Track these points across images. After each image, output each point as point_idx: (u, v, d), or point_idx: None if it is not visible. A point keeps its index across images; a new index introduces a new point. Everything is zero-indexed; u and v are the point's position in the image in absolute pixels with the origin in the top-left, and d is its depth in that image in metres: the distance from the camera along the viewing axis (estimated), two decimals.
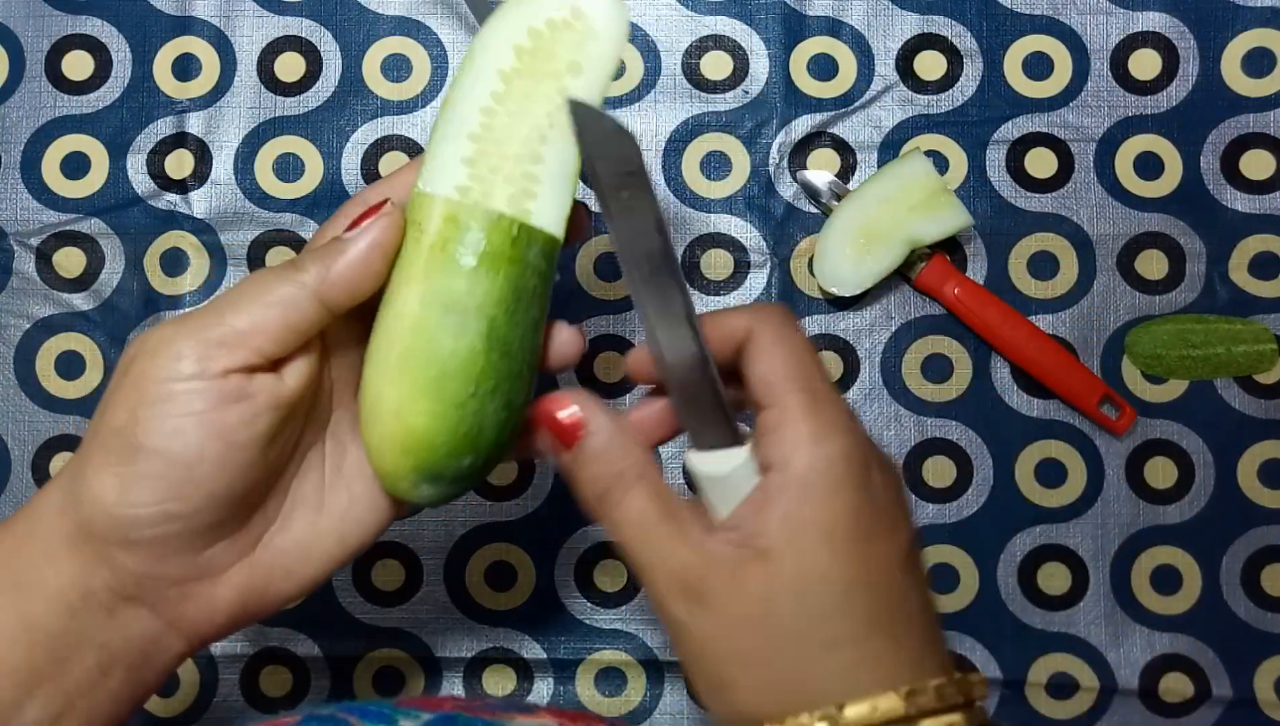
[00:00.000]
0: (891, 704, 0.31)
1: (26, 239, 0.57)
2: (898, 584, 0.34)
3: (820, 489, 0.33)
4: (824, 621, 0.32)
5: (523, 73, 0.36)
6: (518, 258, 0.35)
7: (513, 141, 0.36)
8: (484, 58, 0.37)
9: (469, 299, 0.35)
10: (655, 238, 0.36)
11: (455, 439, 0.35)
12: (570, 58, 0.37)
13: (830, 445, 0.33)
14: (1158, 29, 0.57)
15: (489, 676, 0.56)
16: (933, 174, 0.54)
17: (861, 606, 0.33)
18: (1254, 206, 0.56)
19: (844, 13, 0.57)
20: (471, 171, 0.36)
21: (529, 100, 0.36)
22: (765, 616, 0.33)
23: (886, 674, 0.32)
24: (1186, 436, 0.55)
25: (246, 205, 0.57)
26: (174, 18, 0.58)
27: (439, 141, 0.36)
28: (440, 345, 0.35)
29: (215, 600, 0.36)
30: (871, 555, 0.33)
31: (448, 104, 0.37)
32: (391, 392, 0.35)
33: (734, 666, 0.33)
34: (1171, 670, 0.54)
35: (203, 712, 0.55)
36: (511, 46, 0.37)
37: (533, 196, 0.36)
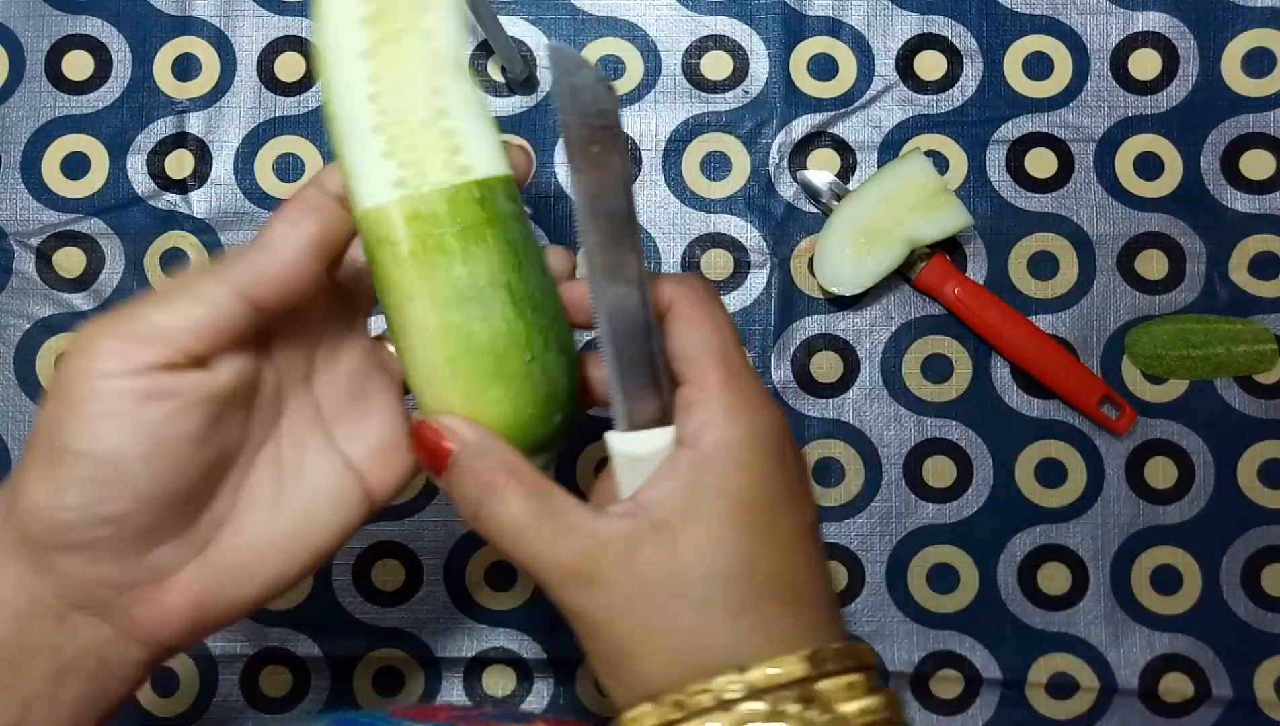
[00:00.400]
0: (794, 665, 0.32)
1: (26, 239, 0.57)
2: (800, 555, 0.34)
3: (727, 462, 0.33)
4: (726, 587, 0.33)
5: (381, 41, 0.34)
6: (492, 216, 0.34)
7: (413, 110, 0.34)
8: (338, 51, 0.35)
9: (476, 279, 0.34)
10: (621, 197, 0.34)
11: (538, 405, 0.35)
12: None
13: (744, 422, 0.33)
14: (1158, 29, 0.57)
15: (489, 676, 0.56)
16: (933, 174, 0.54)
17: (764, 574, 0.33)
18: (1254, 206, 0.56)
19: (844, 13, 0.57)
20: (397, 162, 0.34)
21: (402, 63, 0.34)
22: (663, 586, 0.33)
23: (788, 638, 0.33)
24: (1186, 436, 0.55)
25: (246, 205, 0.57)
26: (174, 18, 0.58)
27: (348, 154, 0.34)
28: (477, 336, 0.34)
29: (167, 605, 0.34)
30: (776, 526, 0.34)
31: (332, 118, 0.35)
32: (460, 402, 0.34)
33: (634, 639, 0.33)
34: (1171, 670, 0.54)
35: (203, 712, 0.55)
36: (356, 22, 0.34)
37: (462, 150, 0.34)
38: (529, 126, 0.57)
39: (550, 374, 0.35)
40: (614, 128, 0.34)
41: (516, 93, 0.57)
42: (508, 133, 0.57)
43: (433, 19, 0.35)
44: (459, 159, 0.34)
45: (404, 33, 0.35)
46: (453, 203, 0.34)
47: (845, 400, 0.56)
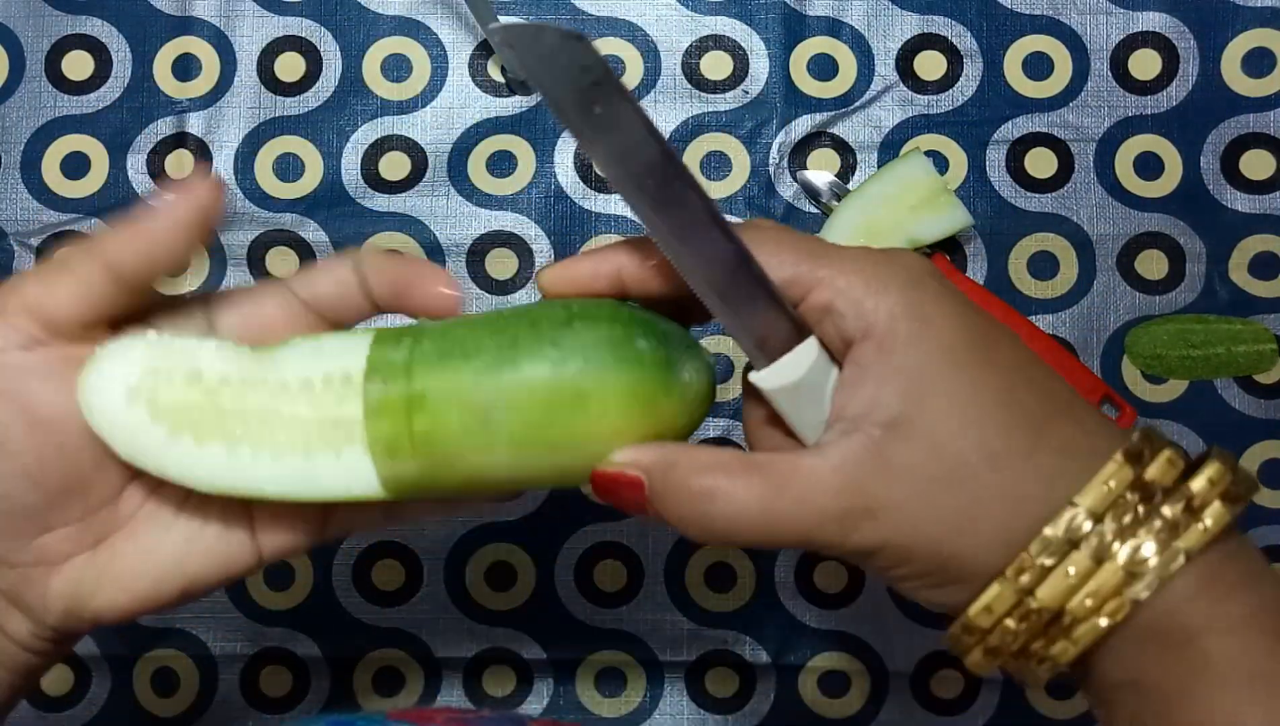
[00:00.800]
0: (1120, 470, 0.29)
1: (26, 239, 0.57)
2: (1041, 369, 0.31)
3: (909, 325, 0.30)
4: (1004, 434, 0.29)
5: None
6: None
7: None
8: None
9: (486, 386, 0.32)
10: (650, 146, 0.30)
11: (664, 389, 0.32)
12: None
13: (894, 280, 0.30)
14: (1158, 29, 0.57)
15: (489, 676, 0.56)
16: (933, 174, 0.54)
17: (1027, 401, 0.30)
18: (1254, 206, 0.56)
19: (844, 13, 0.57)
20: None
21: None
22: (944, 471, 0.29)
23: (1090, 452, 0.29)
24: (1186, 436, 0.55)
25: (246, 205, 0.57)
26: (174, 18, 0.58)
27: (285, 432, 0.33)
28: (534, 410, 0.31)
29: (48, 589, 0.34)
30: (1002, 353, 0.31)
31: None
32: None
33: (948, 538, 0.30)
34: None
35: (203, 712, 0.55)
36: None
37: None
38: (529, 126, 0.57)
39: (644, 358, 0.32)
40: (607, 79, 0.30)
41: (516, 93, 0.57)
42: (507, 133, 0.57)
43: None
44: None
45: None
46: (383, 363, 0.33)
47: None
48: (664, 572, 0.55)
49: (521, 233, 0.57)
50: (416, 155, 0.57)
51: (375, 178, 0.57)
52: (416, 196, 0.57)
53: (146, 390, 0.32)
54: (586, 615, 0.55)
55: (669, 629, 0.55)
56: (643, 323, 0.32)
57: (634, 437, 0.31)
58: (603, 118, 0.30)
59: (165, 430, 0.33)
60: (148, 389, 0.32)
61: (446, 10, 0.58)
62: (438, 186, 0.57)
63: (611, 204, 0.57)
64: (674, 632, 0.55)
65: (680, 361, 0.32)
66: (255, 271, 0.56)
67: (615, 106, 0.30)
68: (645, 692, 0.55)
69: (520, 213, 0.57)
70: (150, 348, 0.33)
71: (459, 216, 0.57)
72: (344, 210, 0.57)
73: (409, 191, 0.57)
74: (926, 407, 0.30)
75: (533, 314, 0.32)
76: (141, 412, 0.32)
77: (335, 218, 0.57)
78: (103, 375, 0.32)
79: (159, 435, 0.33)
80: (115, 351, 0.32)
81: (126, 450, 0.33)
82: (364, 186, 0.57)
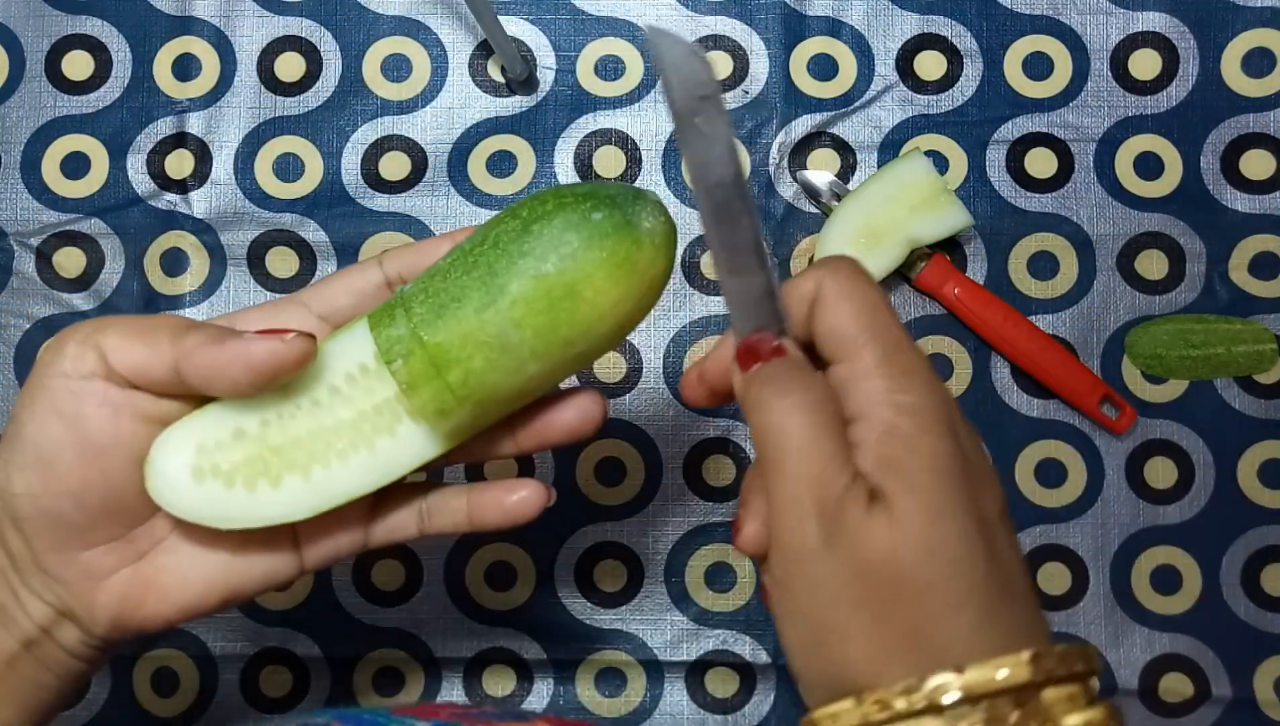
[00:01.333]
0: (1019, 669, 0.28)
1: (26, 239, 0.57)
2: (1007, 539, 0.31)
3: (915, 436, 0.30)
4: (950, 577, 0.29)
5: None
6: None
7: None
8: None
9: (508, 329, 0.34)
10: (726, 165, 0.33)
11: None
12: None
13: (912, 393, 0.31)
14: (1158, 29, 0.57)
15: (489, 676, 0.56)
16: (933, 174, 0.54)
17: (983, 560, 0.30)
18: (1254, 206, 0.56)
19: (844, 13, 0.57)
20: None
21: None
22: (888, 565, 0.29)
23: (1008, 637, 0.29)
24: (1186, 436, 0.55)
25: (246, 205, 0.57)
26: (174, 18, 0.58)
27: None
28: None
29: (95, 602, 0.36)
30: (979, 503, 0.30)
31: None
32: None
33: (843, 617, 0.30)
34: (1171, 670, 0.54)
35: (203, 712, 0.55)
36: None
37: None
38: (529, 126, 0.57)
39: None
40: (713, 97, 0.33)
41: (516, 93, 0.57)
42: (507, 133, 0.57)
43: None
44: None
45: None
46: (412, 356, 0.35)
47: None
48: (664, 572, 0.55)
49: None
50: (416, 155, 0.57)
51: (375, 178, 0.57)
52: (416, 196, 0.57)
53: (208, 464, 0.35)
54: (586, 615, 0.55)
55: (669, 629, 0.55)
56: (587, 196, 0.35)
57: (631, 297, 0.34)
58: (699, 128, 0.33)
59: (242, 488, 0.35)
60: (208, 462, 0.35)
61: (446, 10, 0.58)
62: (438, 186, 0.57)
63: None
64: (674, 632, 0.55)
65: (635, 213, 0.35)
66: (255, 271, 0.56)
67: (713, 123, 0.33)
68: (645, 692, 0.55)
69: None
70: (188, 427, 0.35)
71: (459, 216, 0.57)
72: (344, 210, 0.57)
73: (409, 191, 0.57)
74: (907, 505, 0.30)
75: (491, 235, 0.35)
76: (214, 484, 0.35)
77: (335, 218, 0.57)
78: (165, 473, 0.35)
79: (240, 495, 0.35)
80: (162, 448, 0.35)
81: (224, 522, 0.35)
82: (364, 186, 0.57)
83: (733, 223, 0.33)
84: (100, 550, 0.36)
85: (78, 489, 0.34)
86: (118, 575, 0.36)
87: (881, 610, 0.30)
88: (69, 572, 0.35)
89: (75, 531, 0.35)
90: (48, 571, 0.35)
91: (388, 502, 0.39)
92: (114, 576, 0.36)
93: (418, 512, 0.39)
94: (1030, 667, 0.28)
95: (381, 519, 0.39)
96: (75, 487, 0.34)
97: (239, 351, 0.34)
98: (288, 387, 0.35)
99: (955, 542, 0.30)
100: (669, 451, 0.56)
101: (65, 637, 0.36)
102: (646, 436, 0.56)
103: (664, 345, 0.56)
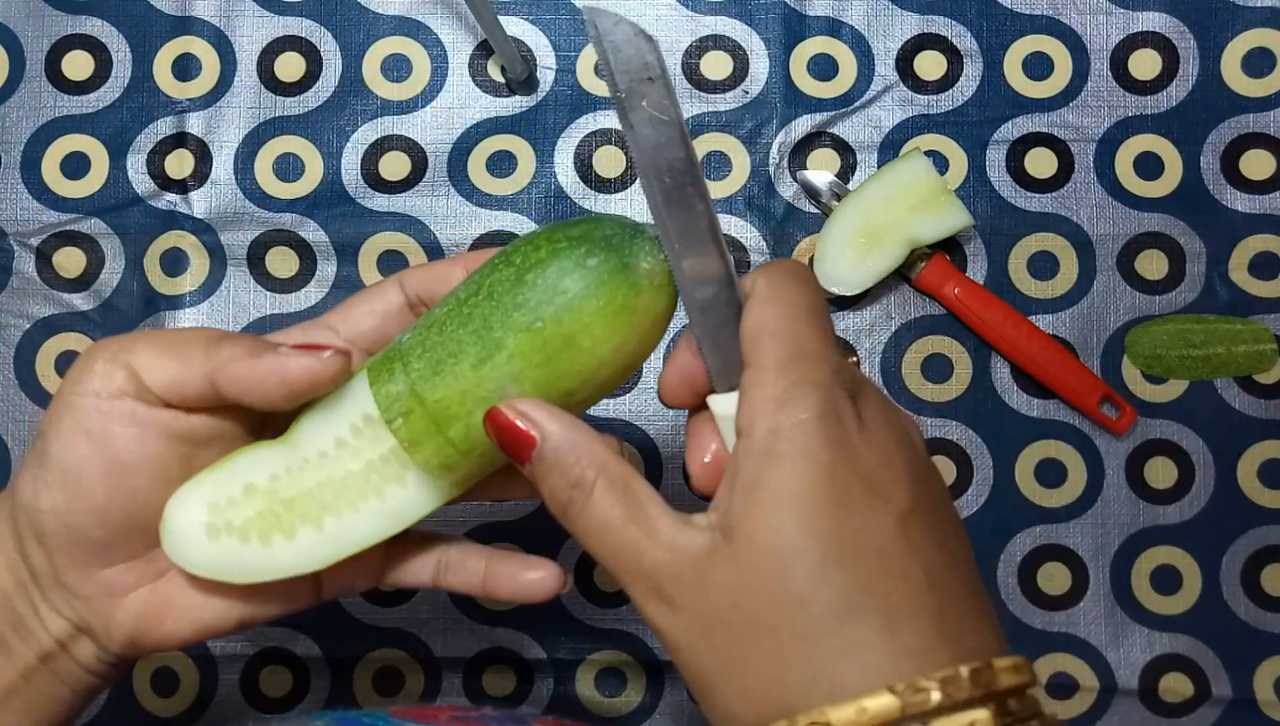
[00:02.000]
0: (884, 704, 0.27)
1: (26, 239, 0.57)
2: (893, 557, 0.29)
3: (783, 454, 0.29)
4: (798, 608, 0.28)
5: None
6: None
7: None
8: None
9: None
10: (678, 148, 0.32)
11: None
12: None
13: (796, 406, 0.29)
14: (1158, 29, 0.57)
15: (489, 676, 0.55)
16: (933, 174, 0.54)
17: (839, 586, 0.28)
18: (1254, 206, 0.56)
19: (844, 13, 0.57)
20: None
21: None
22: (735, 609, 0.29)
23: (880, 665, 0.28)
24: (1186, 436, 0.55)
25: (246, 205, 0.57)
26: (174, 18, 0.58)
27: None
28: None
29: (113, 619, 0.36)
30: (852, 524, 0.29)
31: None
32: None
33: (712, 673, 0.30)
34: (1171, 670, 0.54)
35: (203, 712, 0.55)
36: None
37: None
38: (529, 126, 0.57)
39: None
40: (659, 79, 0.32)
41: (516, 93, 0.57)
42: (507, 133, 0.57)
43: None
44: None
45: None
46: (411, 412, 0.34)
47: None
48: None
49: (521, 233, 0.57)
50: (416, 155, 0.57)
51: (375, 178, 0.57)
52: (416, 196, 0.57)
53: (222, 521, 0.35)
54: (586, 615, 0.55)
55: None
56: (581, 239, 0.33)
57: (630, 342, 0.33)
58: (647, 111, 0.32)
59: (257, 542, 0.35)
60: (222, 519, 0.35)
61: (446, 10, 0.58)
62: (438, 186, 0.57)
63: (612, 204, 0.57)
64: None
65: (632, 255, 0.33)
66: (255, 271, 0.56)
67: (658, 104, 0.32)
68: (645, 692, 0.55)
69: (520, 213, 0.57)
70: (198, 487, 0.35)
71: (459, 216, 0.57)
72: (344, 210, 0.57)
73: (409, 191, 0.57)
74: (751, 542, 0.29)
75: (485, 286, 0.34)
76: (230, 541, 0.35)
77: (335, 218, 0.57)
78: (180, 533, 0.35)
79: (256, 549, 0.35)
80: (175, 508, 0.35)
81: (241, 576, 0.35)
82: (364, 186, 0.57)
83: (687, 209, 0.32)
84: (121, 568, 0.36)
85: (102, 507, 0.34)
86: (136, 593, 0.36)
87: (738, 656, 0.29)
88: (89, 588, 0.35)
89: (98, 548, 0.35)
90: (68, 587, 0.35)
91: (404, 547, 0.39)
92: (133, 594, 0.36)
93: (435, 564, 0.39)
94: (901, 700, 0.27)
95: (398, 564, 0.39)
96: (100, 505, 0.34)
97: (276, 365, 0.34)
98: (294, 442, 0.35)
99: (804, 573, 0.28)
100: (669, 451, 0.56)
101: (81, 653, 0.36)
102: (647, 436, 0.56)
103: (664, 346, 0.56)
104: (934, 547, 0.30)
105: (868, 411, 0.31)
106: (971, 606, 0.30)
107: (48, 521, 0.34)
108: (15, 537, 0.35)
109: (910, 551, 0.29)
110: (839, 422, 0.30)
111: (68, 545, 0.34)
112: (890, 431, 0.31)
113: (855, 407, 0.31)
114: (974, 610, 0.30)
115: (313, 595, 0.38)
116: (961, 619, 0.29)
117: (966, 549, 0.31)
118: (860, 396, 0.31)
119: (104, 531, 0.34)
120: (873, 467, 0.30)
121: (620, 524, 0.31)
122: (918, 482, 0.30)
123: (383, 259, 0.56)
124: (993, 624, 0.30)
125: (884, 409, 0.31)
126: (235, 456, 0.35)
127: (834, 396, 0.30)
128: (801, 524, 0.29)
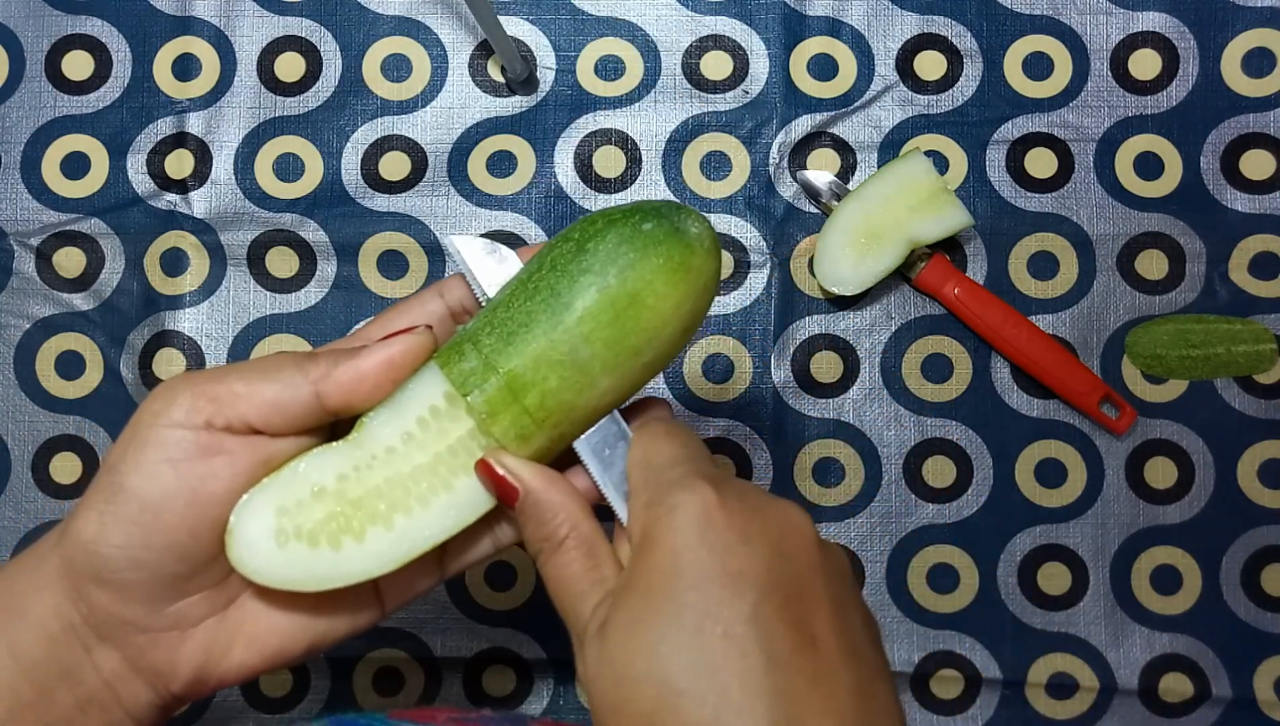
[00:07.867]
0: None
1: (26, 239, 0.57)
2: (734, 639, 0.30)
3: (652, 542, 0.33)
4: (641, 685, 0.30)
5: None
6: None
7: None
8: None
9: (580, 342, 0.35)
10: None
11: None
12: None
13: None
14: (1158, 29, 0.57)
15: (489, 676, 0.56)
16: (933, 174, 0.54)
17: (677, 665, 0.30)
18: (1254, 206, 0.56)
19: (844, 13, 0.57)
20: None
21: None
22: (609, 707, 0.31)
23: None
24: (1186, 436, 0.55)
25: (246, 205, 0.57)
26: (174, 18, 0.58)
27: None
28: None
29: (179, 654, 0.35)
30: (700, 605, 0.31)
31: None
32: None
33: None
34: (1171, 670, 0.54)
35: (203, 712, 0.55)
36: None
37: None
38: (529, 126, 0.57)
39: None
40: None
41: (516, 93, 0.57)
42: (507, 133, 0.57)
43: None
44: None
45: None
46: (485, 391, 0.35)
47: (845, 400, 0.56)
48: None
49: (521, 232, 0.57)
50: (416, 155, 0.57)
51: (375, 178, 0.57)
52: (416, 196, 0.57)
53: (290, 526, 0.34)
54: None
55: None
56: (634, 211, 0.36)
57: (689, 299, 0.35)
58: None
59: (327, 546, 0.35)
60: (290, 524, 0.34)
61: (446, 10, 0.58)
62: (438, 186, 0.57)
63: (612, 204, 0.57)
64: None
65: (681, 221, 0.36)
66: (255, 271, 0.56)
67: None
68: None
69: (520, 213, 0.57)
70: (264, 492, 0.34)
71: (459, 216, 0.57)
72: (344, 210, 0.57)
73: (409, 191, 0.57)
74: (623, 622, 0.32)
75: (547, 261, 0.35)
76: (299, 547, 0.34)
77: (335, 217, 0.57)
78: (248, 540, 0.34)
79: (326, 554, 0.35)
80: (242, 515, 0.34)
81: (312, 584, 0.34)
82: (364, 186, 0.57)
83: None
84: (194, 599, 0.35)
85: (185, 539, 0.34)
86: (204, 625, 0.35)
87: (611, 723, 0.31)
88: (158, 623, 0.35)
89: (172, 581, 0.34)
90: (133, 623, 0.34)
91: (460, 542, 0.39)
92: (201, 625, 0.35)
93: (491, 530, 0.39)
94: None
95: (458, 550, 0.39)
96: (182, 538, 0.34)
97: (382, 355, 0.34)
98: (360, 440, 0.35)
99: (644, 657, 0.30)
100: None
101: (132, 698, 0.35)
102: None
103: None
104: (787, 629, 0.30)
105: (735, 502, 0.33)
106: (831, 688, 0.30)
107: (115, 557, 0.33)
108: (68, 576, 0.34)
109: (753, 633, 0.30)
110: (704, 514, 0.32)
111: (138, 580, 0.34)
112: (753, 517, 0.32)
113: (721, 498, 0.33)
114: (833, 692, 0.30)
115: (377, 610, 0.38)
116: (812, 702, 0.30)
117: (847, 632, 0.31)
118: (728, 488, 0.33)
119: (180, 565, 0.34)
120: (737, 568, 0.31)
121: (575, 579, 0.34)
122: (781, 566, 0.32)
123: (383, 259, 0.57)
124: (870, 705, 0.30)
125: (757, 499, 0.33)
126: (300, 459, 0.35)
127: (699, 493, 0.33)
128: (649, 606, 0.31)
